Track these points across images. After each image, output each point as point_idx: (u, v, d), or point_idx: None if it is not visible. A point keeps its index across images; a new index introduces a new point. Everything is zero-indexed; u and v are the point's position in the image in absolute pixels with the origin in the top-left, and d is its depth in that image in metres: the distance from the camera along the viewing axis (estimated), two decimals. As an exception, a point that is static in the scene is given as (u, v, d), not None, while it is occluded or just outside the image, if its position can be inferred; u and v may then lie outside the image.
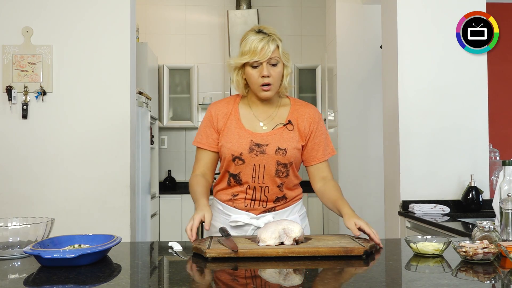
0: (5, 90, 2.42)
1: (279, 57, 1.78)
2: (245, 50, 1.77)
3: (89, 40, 2.46)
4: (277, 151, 1.80)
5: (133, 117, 2.55)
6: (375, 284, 1.20)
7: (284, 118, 1.87)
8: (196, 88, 4.94)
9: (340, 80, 4.13)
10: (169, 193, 4.71)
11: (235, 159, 1.82)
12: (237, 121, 1.86)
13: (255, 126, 1.85)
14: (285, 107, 1.90)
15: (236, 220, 1.83)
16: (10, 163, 2.42)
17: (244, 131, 1.84)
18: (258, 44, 1.74)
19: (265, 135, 1.83)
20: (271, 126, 1.85)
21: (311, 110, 1.90)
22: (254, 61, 1.75)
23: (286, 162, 1.82)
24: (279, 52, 1.78)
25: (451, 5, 2.85)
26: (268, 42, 1.75)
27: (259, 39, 1.75)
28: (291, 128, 1.85)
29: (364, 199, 4.04)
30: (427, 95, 2.84)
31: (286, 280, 1.28)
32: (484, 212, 2.66)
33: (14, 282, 1.29)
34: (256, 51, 1.74)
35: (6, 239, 1.55)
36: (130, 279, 1.27)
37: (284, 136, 1.83)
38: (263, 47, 1.74)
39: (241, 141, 1.81)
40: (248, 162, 1.81)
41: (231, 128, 1.85)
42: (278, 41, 1.78)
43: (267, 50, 1.74)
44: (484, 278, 1.26)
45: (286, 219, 1.61)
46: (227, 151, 1.82)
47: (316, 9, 5.21)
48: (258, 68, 1.77)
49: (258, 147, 1.81)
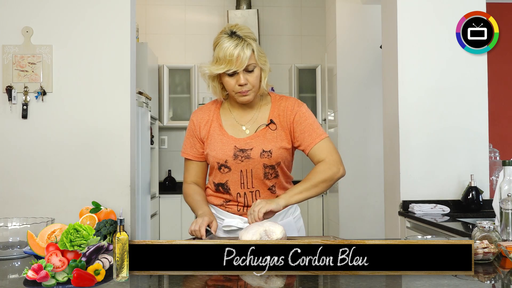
0: (5, 90, 2.42)
1: (255, 62, 1.73)
2: (220, 58, 1.70)
3: (89, 40, 2.46)
4: (262, 154, 1.77)
5: (133, 117, 2.55)
6: (375, 284, 1.20)
7: (265, 118, 1.83)
8: (196, 88, 4.94)
9: (340, 80, 4.13)
10: (169, 193, 4.71)
11: (221, 167, 1.80)
12: (220, 128, 1.83)
13: (238, 132, 1.82)
14: (266, 106, 1.86)
15: (229, 225, 1.81)
16: (10, 163, 2.42)
17: (227, 137, 1.81)
18: (233, 52, 1.67)
19: (248, 139, 1.80)
20: (253, 129, 1.82)
21: (289, 101, 1.85)
22: (230, 71, 1.70)
23: (273, 163, 1.79)
24: (254, 57, 1.72)
25: (451, 5, 2.85)
26: (243, 49, 1.68)
27: (234, 45, 1.68)
28: (274, 127, 1.81)
29: (364, 199, 4.04)
30: (427, 95, 2.84)
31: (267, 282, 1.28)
32: (484, 212, 2.66)
33: (14, 282, 1.29)
34: (232, 60, 1.68)
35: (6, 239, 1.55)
36: (130, 279, 1.27)
37: (268, 137, 1.79)
38: (239, 55, 1.67)
39: (224, 148, 1.79)
40: (234, 169, 1.79)
41: (214, 136, 1.82)
42: (253, 44, 1.72)
43: (243, 58, 1.68)
44: (484, 278, 1.26)
45: (268, 221, 1.60)
46: (212, 159, 1.81)
47: (316, 9, 5.21)
48: (235, 76, 1.72)
49: (243, 152, 1.78)
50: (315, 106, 4.81)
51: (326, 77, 4.52)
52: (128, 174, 2.44)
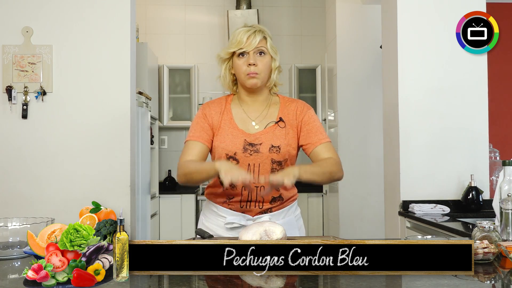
0: (5, 90, 2.42)
1: (266, 48, 1.83)
2: (232, 42, 1.83)
3: (89, 40, 2.46)
4: (271, 149, 1.81)
5: (133, 117, 2.55)
6: (375, 284, 1.20)
7: (275, 116, 1.89)
8: (196, 88, 4.94)
9: (340, 80, 4.13)
10: (169, 193, 4.70)
11: (229, 158, 1.81)
12: (230, 121, 1.87)
13: (248, 126, 1.86)
14: (275, 105, 1.92)
15: (231, 222, 1.81)
16: (10, 163, 2.42)
17: (238, 130, 1.84)
18: (244, 35, 1.80)
19: (258, 134, 1.84)
20: (263, 124, 1.86)
21: (298, 103, 1.94)
22: (240, 50, 1.80)
23: (280, 159, 1.82)
24: (266, 43, 1.83)
25: (451, 5, 2.85)
26: (254, 33, 1.81)
27: (246, 30, 1.82)
28: (282, 125, 1.86)
29: (364, 199, 4.04)
30: (427, 95, 2.84)
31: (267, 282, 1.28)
32: (484, 212, 2.66)
33: (14, 282, 1.29)
34: (242, 41, 1.80)
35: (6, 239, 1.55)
36: (130, 279, 1.27)
37: (277, 134, 1.84)
38: (249, 36, 1.80)
39: (235, 141, 1.82)
40: (243, 161, 1.81)
41: (225, 128, 1.85)
42: (266, 34, 1.84)
43: (253, 40, 1.80)
44: (484, 278, 1.26)
45: (268, 221, 1.62)
46: (221, 150, 1.82)
47: (316, 9, 5.21)
48: (245, 57, 1.81)
49: (252, 146, 1.81)
50: (315, 106, 4.81)
51: (326, 77, 4.52)
52: (128, 174, 2.44)
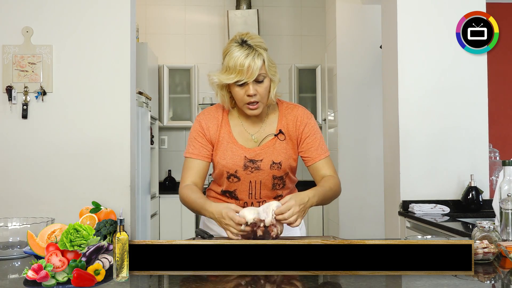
0: (5, 90, 2.42)
1: (265, 72, 1.69)
2: (230, 68, 1.66)
3: (89, 40, 2.46)
4: (272, 166, 1.77)
5: (133, 117, 2.55)
6: (375, 284, 1.20)
7: (274, 127, 1.82)
8: (196, 88, 4.94)
9: (340, 80, 4.13)
10: (169, 193, 4.71)
11: (230, 176, 1.78)
12: (229, 135, 1.80)
13: (247, 141, 1.80)
14: (274, 115, 1.84)
15: None
16: (10, 163, 2.42)
17: (238, 146, 1.78)
18: (244, 62, 1.63)
19: (258, 149, 1.78)
20: (262, 137, 1.80)
21: (298, 112, 1.84)
22: (240, 82, 1.67)
23: (281, 174, 1.80)
24: (265, 67, 1.69)
25: (451, 5, 2.85)
26: (254, 59, 1.64)
27: (245, 55, 1.64)
28: (282, 138, 1.80)
29: (364, 199, 4.04)
30: (427, 95, 2.84)
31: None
32: (484, 212, 2.66)
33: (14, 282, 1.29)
34: (242, 71, 1.64)
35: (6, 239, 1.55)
36: (130, 279, 1.27)
37: (277, 148, 1.79)
38: (249, 65, 1.64)
39: (235, 158, 1.77)
40: (244, 179, 1.78)
41: (224, 143, 1.79)
42: (264, 54, 1.68)
43: (253, 68, 1.64)
44: (484, 278, 1.26)
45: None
46: (222, 167, 1.78)
47: (316, 9, 5.21)
48: (244, 87, 1.69)
49: (253, 163, 1.77)
50: (315, 106, 4.82)
51: (326, 77, 4.52)
52: (128, 174, 2.44)
